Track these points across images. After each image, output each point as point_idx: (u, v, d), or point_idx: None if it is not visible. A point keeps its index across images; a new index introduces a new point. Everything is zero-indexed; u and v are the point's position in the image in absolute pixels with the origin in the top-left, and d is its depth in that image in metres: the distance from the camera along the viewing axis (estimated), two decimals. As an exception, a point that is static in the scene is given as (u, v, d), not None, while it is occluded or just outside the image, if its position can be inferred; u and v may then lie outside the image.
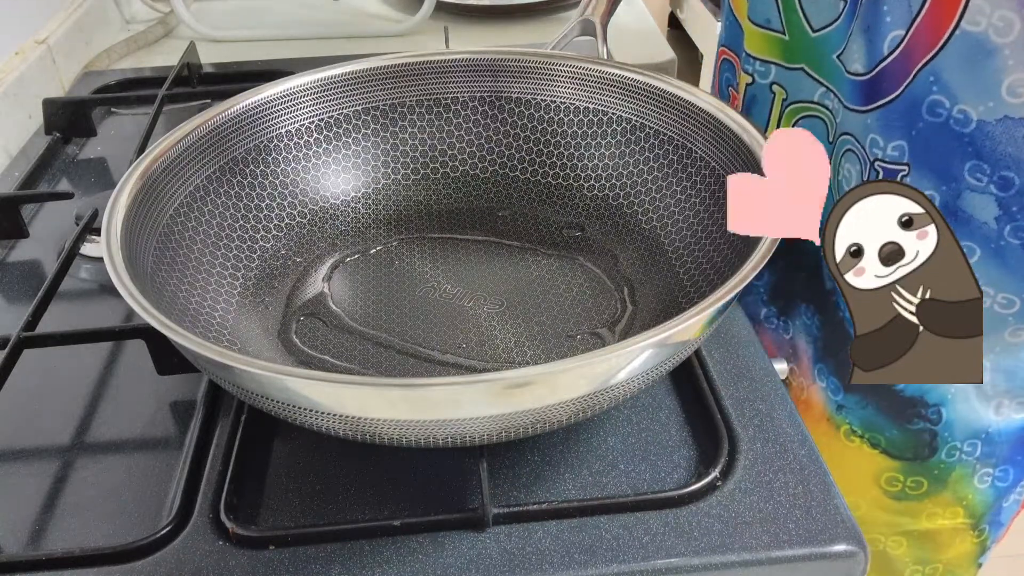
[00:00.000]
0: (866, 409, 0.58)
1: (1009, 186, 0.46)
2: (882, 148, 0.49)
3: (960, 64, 0.44)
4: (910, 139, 0.48)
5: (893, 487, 0.59)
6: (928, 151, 0.48)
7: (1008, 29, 0.43)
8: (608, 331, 0.45)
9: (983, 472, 0.57)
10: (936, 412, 0.55)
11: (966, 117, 0.46)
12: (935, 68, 0.45)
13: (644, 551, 0.36)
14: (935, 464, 0.57)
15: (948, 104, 0.46)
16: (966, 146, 0.46)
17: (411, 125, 0.55)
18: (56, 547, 0.37)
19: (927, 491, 0.58)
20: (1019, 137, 0.45)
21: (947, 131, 0.46)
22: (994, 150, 0.46)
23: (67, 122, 0.70)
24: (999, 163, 0.46)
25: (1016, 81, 0.44)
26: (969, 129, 0.46)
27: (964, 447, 0.56)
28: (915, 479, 0.58)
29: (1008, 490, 0.59)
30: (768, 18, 0.54)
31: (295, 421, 0.34)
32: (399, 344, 0.45)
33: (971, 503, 0.59)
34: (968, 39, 0.44)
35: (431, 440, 0.34)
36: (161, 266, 0.42)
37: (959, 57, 0.44)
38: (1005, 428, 0.55)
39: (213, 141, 0.48)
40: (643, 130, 0.51)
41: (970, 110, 0.45)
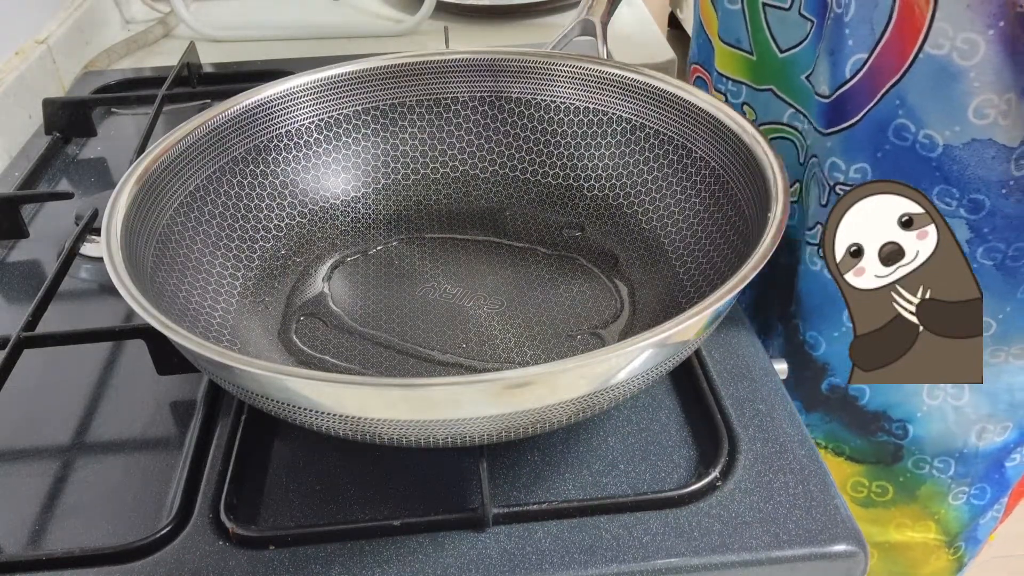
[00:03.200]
0: (830, 424, 0.57)
1: (979, 208, 0.46)
2: (843, 171, 0.49)
3: (925, 88, 0.44)
4: (874, 161, 0.47)
5: (859, 492, 0.59)
6: (895, 174, 0.47)
7: (973, 51, 0.42)
8: (608, 331, 0.45)
9: (958, 490, 0.56)
10: (901, 427, 0.55)
11: (932, 142, 0.45)
12: (900, 92, 0.45)
13: (644, 551, 0.36)
14: (900, 471, 0.56)
15: (914, 128, 0.45)
16: (933, 171, 0.46)
17: (411, 125, 0.55)
18: (56, 547, 0.37)
19: (893, 498, 0.58)
20: (988, 158, 0.44)
21: (913, 155, 0.46)
22: (962, 174, 0.45)
23: (67, 122, 0.70)
24: (968, 186, 0.45)
25: (983, 103, 0.43)
26: (936, 154, 0.45)
27: (935, 463, 0.55)
28: (880, 484, 0.58)
29: (985, 508, 0.58)
30: (738, 37, 0.54)
31: (295, 421, 0.34)
32: (399, 344, 0.45)
33: (944, 519, 0.58)
34: (932, 63, 0.43)
35: (431, 440, 0.34)
36: (161, 266, 0.42)
37: (924, 81, 0.44)
38: (983, 449, 0.55)
39: (212, 141, 0.48)
40: (643, 130, 0.51)
41: (936, 135, 0.45)
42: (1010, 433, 0.54)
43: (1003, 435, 0.54)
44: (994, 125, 0.43)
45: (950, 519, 0.58)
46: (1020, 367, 0.51)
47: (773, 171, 0.41)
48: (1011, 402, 0.53)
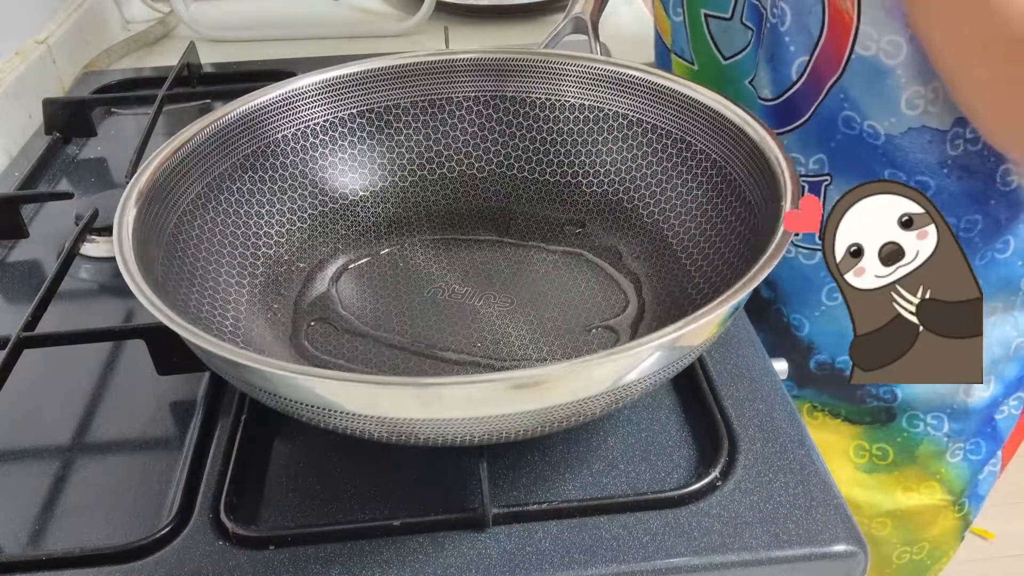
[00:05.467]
0: (822, 396, 0.60)
1: (926, 189, 0.49)
2: (804, 164, 0.52)
3: (862, 84, 0.47)
4: (829, 151, 0.51)
5: (861, 458, 0.61)
6: (848, 160, 0.50)
7: (896, 51, 0.45)
8: (620, 325, 0.45)
9: (955, 447, 0.59)
10: (889, 392, 0.58)
11: (875, 131, 0.48)
12: (843, 87, 0.48)
13: (644, 551, 0.36)
14: (896, 429, 0.59)
15: (859, 119, 0.49)
16: (880, 156, 0.49)
17: (406, 127, 0.55)
18: (56, 547, 0.37)
19: (894, 460, 0.60)
20: (925, 143, 0.48)
21: (862, 143, 0.49)
22: (906, 159, 0.49)
23: (67, 122, 0.70)
24: (913, 169, 0.49)
25: (912, 95, 0.46)
26: (880, 142, 0.49)
27: (928, 419, 0.58)
28: (880, 446, 0.60)
29: (983, 463, 0.60)
30: (682, 47, 0.57)
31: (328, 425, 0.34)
32: (413, 346, 0.45)
33: (946, 478, 0.60)
34: (864, 63, 0.46)
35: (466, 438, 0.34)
36: (170, 275, 0.42)
37: (860, 78, 0.47)
38: (973, 406, 0.57)
39: (212, 148, 0.48)
40: (640, 125, 0.51)
41: (877, 125, 0.48)
42: (994, 387, 0.57)
43: (988, 390, 0.57)
44: (925, 113, 0.47)
45: (952, 477, 0.60)
46: (991, 323, 0.55)
47: (778, 160, 0.41)
48: (990, 358, 0.56)
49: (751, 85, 0.53)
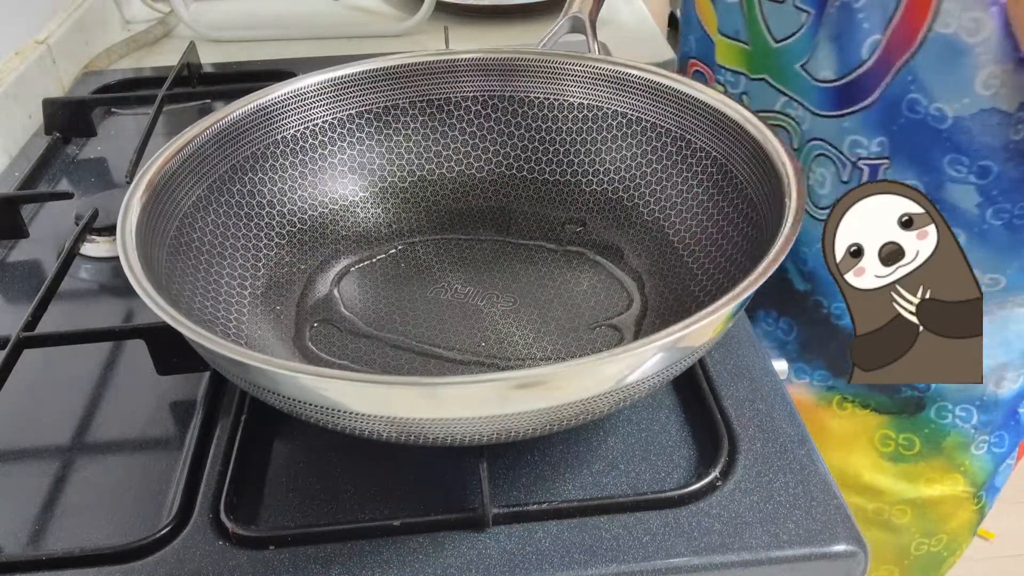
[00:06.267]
0: (857, 386, 0.60)
1: (987, 174, 0.49)
2: (865, 147, 0.51)
3: (935, 64, 0.46)
4: (891, 134, 0.50)
5: (887, 446, 0.61)
6: (909, 145, 0.50)
7: (978, 28, 0.44)
8: (624, 323, 0.45)
9: (980, 439, 0.59)
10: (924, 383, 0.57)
11: (942, 115, 0.48)
12: (912, 68, 0.47)
13: (644, 551, 0.36)
14: (924, 421, 0.58)
15: (925, 103, 0.48)
16: (944, 141, 0.48)
17: (405, 127, 0.55)
18: (56, 547, 0.37)
19: (920, 451, 0.60)
20: (994, 124, 0.47)
21: (925, 127, 0.48)
22: (971, 143, 0.48)
23: (67, 122, 0.70)
24: (977, 154, 0.48)
25: (989, 75, 0.46)
26: (946, 126, 0.48)
27: (957, 411, 0.57)
28: (906, 436, 0.60)
29: (1004, 456, 0.60)
30: (736, 29, 0.56)
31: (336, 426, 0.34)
32: (417, 346, 0.45)
33: (970, 470, 0.60)
34: (941, 41, 0.45)
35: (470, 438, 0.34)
36: (173, 277, 0.42)
37: (934, 57, 0.46)
38: (1003, 397, 0.57)
39: (213, 149, 0.48)
40: (639, 123, 0.51)
41: (946, 108, 0.47)
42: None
43: (1018, 382, 0.57)
44: (996, 95, 0.46)
45: (975, 469, 0.60)
46: None
47: (781, 157, 0.41)
48: (1021, 349, 0.55)
49: (803, 69, 0.52)
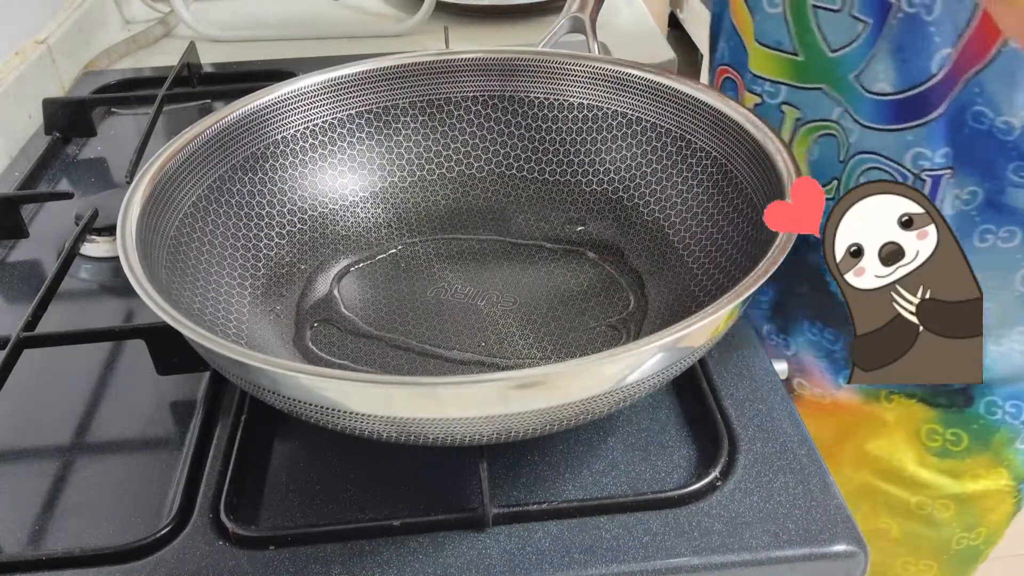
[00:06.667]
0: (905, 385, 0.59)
1: None
2: (929, 158, 0.50)
3: (1005, 77, 0.46)
4: (955, 144, 0.49)
5: (934, 441, 0.60)
6: (972, 154, 0.49)
7: None
8: (623, 323, 0.45)
9: None
10: None
11: (1009, 127, 0.47)
12: (981, 81, 0.47)
13: (644, 551, 0.36)
14: (973, 416, 0.58)
15: (992, 115, 0.47)
16: (1010, 151, 0.48)
17: (406, 127, 0.55)
18: (56, 547, 0.37)
19: (968, 447, 0.59)
20: None
21: (991, 138, 0.48)
22: None
23: (67, 122, 0.70)
24: None
25: None
26: (1013, 136, 0.47)
27: (1007, 407, 0.57)
28: (954, 431, 0.59)
29: None
30: (778, 39, 0.55)
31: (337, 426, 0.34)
32: (418, 346, 0.45)
33: (1013, 464, 0.60)
34: (1014, 56, 0.45)
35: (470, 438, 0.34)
36: (174, 277, 0.42)
37: (1004, 72, 0.46)
38: None
39: (213, 149, 0.48)
40: (639, 123, 0.51)
41: (1013, 120, 0.47)
42: None
43: None
44: None
45: (1019, 463, 0.60)
46: None
47: (782, 156, 0.41)
48: None
49: (855, 80, 0.52)
